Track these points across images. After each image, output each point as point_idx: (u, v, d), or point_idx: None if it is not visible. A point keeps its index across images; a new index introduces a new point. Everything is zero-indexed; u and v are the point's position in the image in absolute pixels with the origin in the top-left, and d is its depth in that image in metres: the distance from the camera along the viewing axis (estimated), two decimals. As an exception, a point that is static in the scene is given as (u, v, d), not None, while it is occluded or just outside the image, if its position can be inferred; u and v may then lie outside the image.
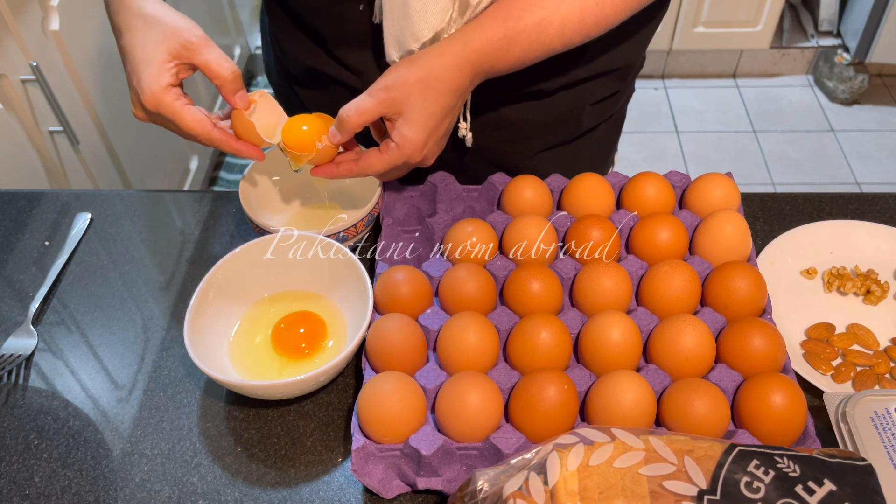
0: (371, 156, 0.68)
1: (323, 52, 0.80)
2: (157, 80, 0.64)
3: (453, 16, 0.67)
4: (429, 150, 0.68)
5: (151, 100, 0.64)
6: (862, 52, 2.33)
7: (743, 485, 0.46)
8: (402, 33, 0.68)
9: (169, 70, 0.64)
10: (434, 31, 0.67)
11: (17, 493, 0.61)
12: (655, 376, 0.62)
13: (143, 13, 0.65)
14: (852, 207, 0.83)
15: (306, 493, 0.61)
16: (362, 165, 0.68)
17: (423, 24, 0.67)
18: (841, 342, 0.69)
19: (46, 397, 0.68)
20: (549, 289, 0.67)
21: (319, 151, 0.68)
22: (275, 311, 0.72)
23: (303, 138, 0.68)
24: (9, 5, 1.20)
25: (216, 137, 0.66)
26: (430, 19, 0.67)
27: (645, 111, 2.45)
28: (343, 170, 0.70)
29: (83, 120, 1.41)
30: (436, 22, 0.67)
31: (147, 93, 0.64)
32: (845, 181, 2.22)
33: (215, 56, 0.65)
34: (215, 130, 0.66)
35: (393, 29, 0.69)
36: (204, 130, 0.65)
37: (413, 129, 0.65)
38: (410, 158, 0.67)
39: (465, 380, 0.60)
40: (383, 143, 0.67)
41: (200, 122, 0.65)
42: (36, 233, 0.83)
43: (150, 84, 0.64)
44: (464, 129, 0.77)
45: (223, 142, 0.67)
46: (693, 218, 0.74)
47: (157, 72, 0.64)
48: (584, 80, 0.81)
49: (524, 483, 0.48)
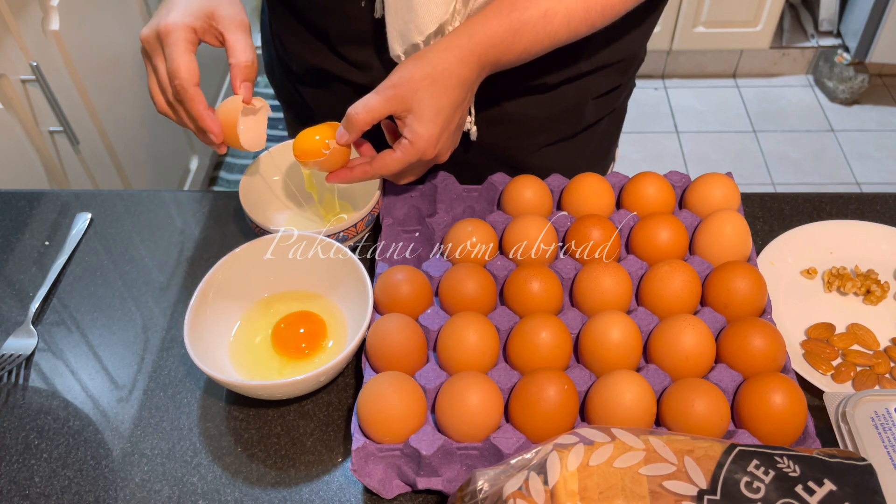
0: (385, 156, 0.68)
1: (327, 49, 0.80)
2: (184, 18, 0.66)
3: (457, 7, 0.67)
4: (442, 145, 0.67)
5: (167, 27, 0.66)
6: (862, 52, 2.33)
7: (743, 485, 0.46)
8: (406, 27, 0.68)
9: (200, 19, 0.66)
10: (438, 23, 0.67)
11: (17, 493, 0.61)
12: (655, 376, 0.62)
13: None
14: (852, 207, 0.83)
15: (306, 493, 0.61)
16: (377, 166, 0.68)
17: (427, 17, 0.67)
18: (841, 342, 0.69)
19: (46, 397, 0.68)
20: (549, 289, 0.67)
21: (330, 156, 0.68)
22: (275, 311, 0.72)
23: (313, 144, 0.68)
24: (9, 5, 1.20)
25: (192, 93, 0.66)
26: (434, 10, 0.67)
27: (645, 111, 2.45)
28: (358, 172, 0.69)
29: (83, 120, 1.41)
30: (440, 13, 0.67)
31: (168, 20, 0.66)
32: (845, 181, 2.22)
33: (241, 39, 0.67)
34: (196, 87, 0.66)
35: (396, 23, 0.69)
36: (188, 78, 0.66)
37: (424, 124, 0.65)
38: (424, 154, 0.67)
39: (465, 380, 0.60)
40: (396, 142, 0.67)
41: (190, 70, 0.66)
42: (36, 233, 0.83)
43: (176, 17, 0.66)
44: (469, 123, 0.77)
45: (195, 99, 0.67)
46: (693, 218, 0.74)
47: (190, 12, 0.66)
48: (587, 73, 0.81)
49: (524, 483, 0.48)
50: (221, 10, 0.67)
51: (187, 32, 0.66)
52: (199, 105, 0.67)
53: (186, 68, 0.66)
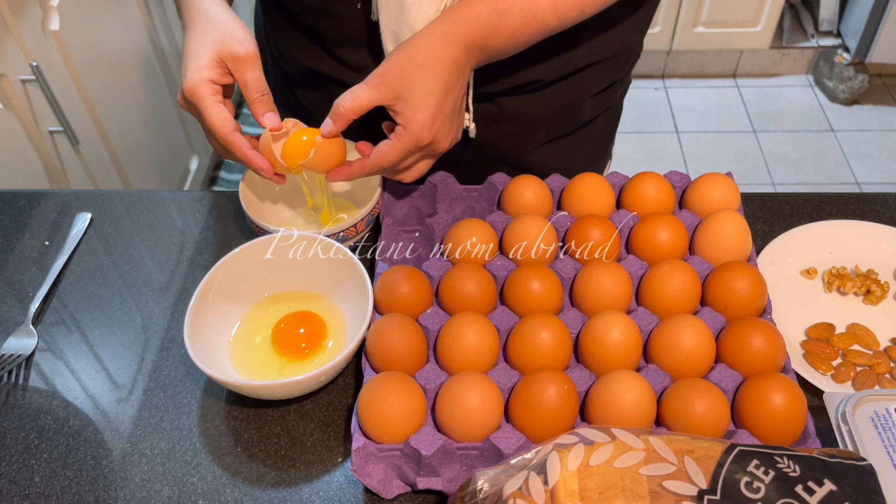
0: (381, 146, 0.67)
1: (323, 52, 0.80)
2: (200, 73, 0.67)
3: (448, 4, 0.67)
4: (438, 129, 0.66)
5: (189, 87, 0.67)
6: (862, 52, 2.33)
7: (743, 485, 0.46)
8: (399, 26, 0.68)
9: (213, 68, 0.67)
10: (429, 20, 0.67)
11: (17, 493, 0.61)
12: (655, 376, 0.62)
13: (208, 15, 0.69)
14: (852, 207, 0.83)
15: (306, 493, 0.61)
16: (374, 158, 0.67)
17: (419, 15, 0.67)
18: (841, 342, 0.69)
19: (46, 397, 0.68)
20: (549, 289, 0.67)
21: (321, 154, 0.67)
22: (275, 311, 0.72)
23: (301, 145, 0.68)
24: (9, 5, 1.20)
25: (232, 140, 0.67)
26: (427, 9, 0.67)
27: (645, 111, 2.45)
28: (356, 167, 0.69)
29: (83, 120, 1.41)
30: (432, 11, 0.67)
31: (188, 80, 0.67)
32: (845, 181, 2.22)
33: (253, 76, 0.68)
34: (234, 133, 0.67)
35: (390, 23, 0.69)
36: (223, 129, 0.67)
37: (415, 108, 0.65)
38: (419, 139, 0.66)
39: (465, 380, 0.60)
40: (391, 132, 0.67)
41: (222, 121, 0.67)
42: (36, 233, 0.83)
43: (193, 74, 0.67)
44: (467, 120, 0.77)
45: (237, 146, 0.68)
46: (693, 218, 0.74)
47: (203, 66, 0.67)
48: (583, 68, 0.81)
49: (524, 483, 0.48)
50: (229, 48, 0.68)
51: (207, 87, 0.67)
52: (242, 150, 0.68)
53: (218, 121, 0.67)
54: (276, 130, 0.69)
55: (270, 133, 0.68)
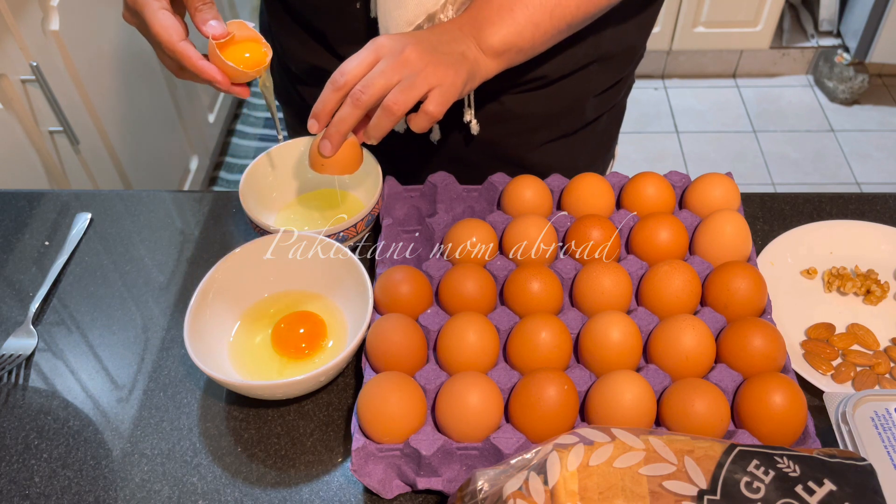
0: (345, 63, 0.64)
1: (325, 49, 0.80)
2: None
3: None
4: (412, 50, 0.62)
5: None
6: (862, 52, 2.33)
7: (743, 485, 0.46)
8: (398, 22, 0.69)
9: None
10: (427, 13, 0.68)
11: (17, 493, 0.61)
12: (655, 376, 0.62)
13: None
14: (852, 207, 0.83)
15: (306, 493, 0.61)
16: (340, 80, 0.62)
17: (419, 9, 0.67)
18: (841, 342, 0.69)
19: (46, 397, 0.68)
20: (549, 289, 0.67)
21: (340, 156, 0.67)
22: (275, 311, 0.72)
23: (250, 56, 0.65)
24: (9, 5, 1.20)
25: (180, 50, 0.61)
26: (425, 2, 0.67)
27: (645, 111, 2.45)
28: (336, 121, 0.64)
29: (83, 120, 1.41)
30: (429, 4, 0.67)
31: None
32: (845, 181, 2.22)
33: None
34: (182, 43, 0.61)
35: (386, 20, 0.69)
36: (168, 38, 0.61)
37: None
38: (380, 47, 0.62)
39: (465, 380, 0.60)
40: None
41: (166, 28, 0.61)
42: (36, 233, 0.83)
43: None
44: (469, 115, 0.77)
45: (186, 56, 0.61)
46: (693, 218, 0.74)
47: None
48: (586, 66, 0.81)
49: (524, 483, 0.48)
50: None
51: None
52: (193, 61, 0.62)
53: (162, 28, 0.61)
54: (221, 38, 0.63)
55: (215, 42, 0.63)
